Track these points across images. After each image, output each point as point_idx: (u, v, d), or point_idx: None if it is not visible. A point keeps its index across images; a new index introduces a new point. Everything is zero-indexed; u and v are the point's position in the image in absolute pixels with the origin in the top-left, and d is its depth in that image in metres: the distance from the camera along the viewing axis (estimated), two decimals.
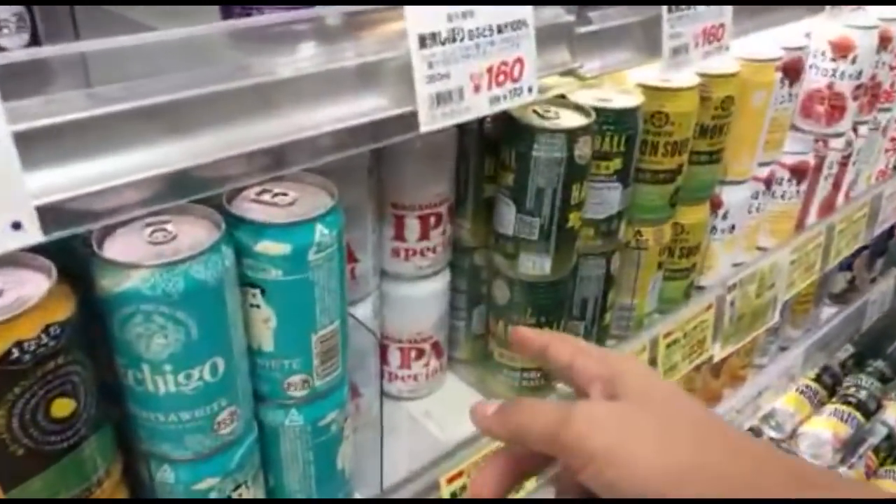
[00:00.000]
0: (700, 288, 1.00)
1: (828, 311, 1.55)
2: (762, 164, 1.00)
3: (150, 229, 0.49)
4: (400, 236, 0.73)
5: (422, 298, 0.78)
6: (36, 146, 0.37)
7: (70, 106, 0.39)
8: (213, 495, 0.54)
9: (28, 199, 0.37)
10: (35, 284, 0.43)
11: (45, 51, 0.37)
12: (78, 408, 0.44)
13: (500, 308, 0.77)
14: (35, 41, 0.39)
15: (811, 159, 1.08)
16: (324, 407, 0.59)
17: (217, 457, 0.53)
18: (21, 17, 0.38)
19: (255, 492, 0.58)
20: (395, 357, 0.81)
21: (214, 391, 0.50)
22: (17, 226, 0.37)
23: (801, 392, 1.56)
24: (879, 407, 1.64)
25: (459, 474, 0.71)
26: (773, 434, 1.54)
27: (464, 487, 0.71)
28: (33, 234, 0.37)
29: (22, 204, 0.37)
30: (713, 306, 0.96)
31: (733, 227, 0.99)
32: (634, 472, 0.36)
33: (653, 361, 0.89)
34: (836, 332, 1.53)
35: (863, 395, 1.59)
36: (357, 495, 0.69)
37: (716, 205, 0.95)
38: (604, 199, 0.75)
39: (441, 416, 0.81)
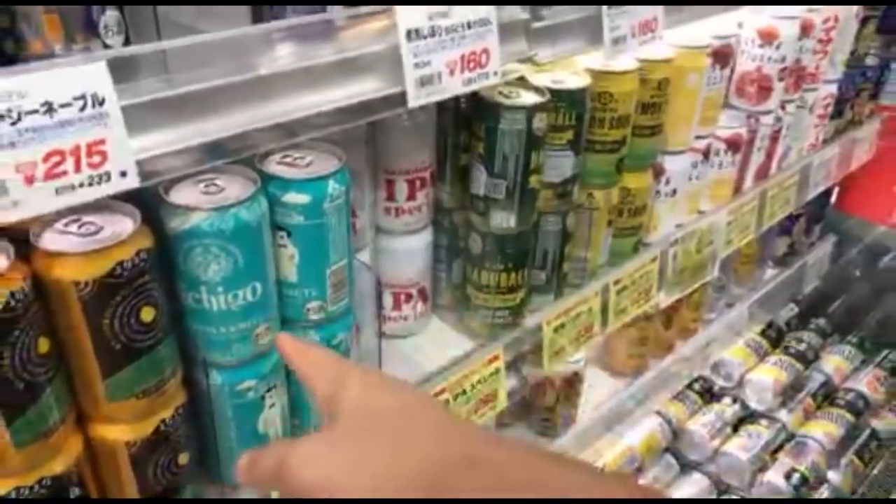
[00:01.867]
0: (647, 245, 1.16)
1: (770, 273, 1.73)
2: (699, 137, 1.16)
3: (202, 184, 0.63)
4: (391, 196, 0.88)
5: (410, 250, 0.94)
6: (135, 116, 0.52)
7: (155, 88, 0.53)
8: (251, 395, 0.69)
9: (131, 155, 0.52)
10: (124, 223, 0.57)
11: (144, 48, 0.52)
12: (157, 315, 0.59)
13: (474, 258, 0.93)
14: (128, 41, 0.54)
15: (744, 133, 1.25)
16: (335, 329, 0.74)
17: (255, 363, 0.68)
18: (119, 22, 0.52)
19: (281, 395, 0.73)
20: (388, 301, 0.96)
21: (254, 309, 0.65)
22: (123, 174, 0.51)
23: (748, 345, 1.74)
24: (817, 358, 1.82)
25: (442, 391, 0.86)
26: (721, 382, 1.71)
27: (447, 402, 0.87)
28: (134, 181, 0.52)
29: (128, 158, 0.51)
30: (657, 259, 1.13)
31: (675, 191, 1.16)
32: (344, 493, 0.39)
33: (605, 306, 1.05)
34: (777, 292, 1.70)
35: (802, 346, 1.78)
36: None
37: (658, 172, 1.11)
38: (559, 165, 0.91)
39: (427, 351, 0.97)
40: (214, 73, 0.56)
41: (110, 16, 0.50)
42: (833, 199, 1.85)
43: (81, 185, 0.50)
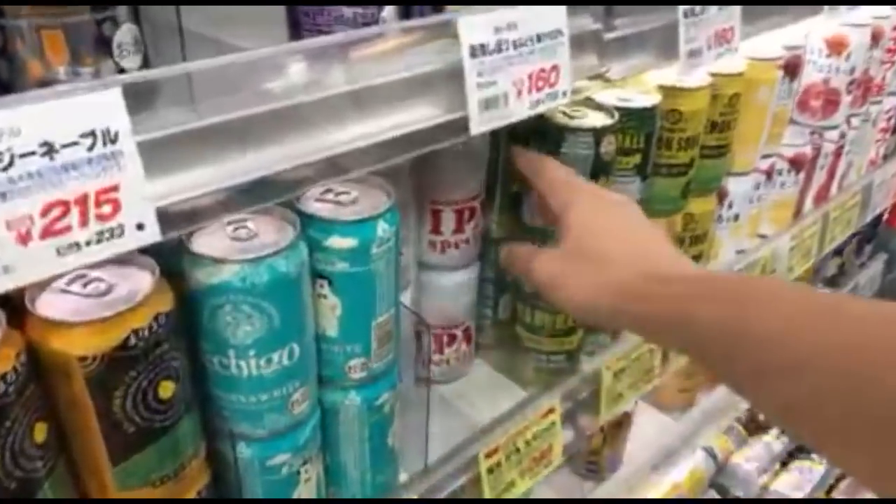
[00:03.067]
0: None
1: None
2: (764, 157, 1.06)
3: (231, 227, 0.53)
4: (436, 230, 0.78)
5: (455, 287, 0.84)
6: (154, 154, 0.42)
7: (180, 119, 0.43)
8: (284, 470, 0.59)
9: (150, 202, 0.42)
10: (140, 279, 0.48)
11: (160, 71, 0.42)
12: (177, 389, 0.49)
13: (527, 295, 0.83)
14: (146, 61, 0.44)
15: (808, 151, 1.15)
16: (379, 388, 0.65)
17: (289, 434, 0.58)
18: (137, 41, 0.42)
19: (318, 468, 0.63)
20: (427, 343, 0.86)
21: (290, 374, 0.55)
22: (140, 226, 0.42)
23: None
24: None
25: (496, 450, 0.76)
26: None
27: (499, 464, 0.77)
28: (153, 234, 0.42)
29: (145, 207, 0.41)
30: None
31: (737, 216, 1.05)
32: (563, 293, 0.58)
33: None
34: None
35: None
36: (402, 471, 0.74)
37: (722, 195, 1.01)
38: (624, 192, 0.80)
39: (472, 398, 0.87)
40: (249, 99, 0.46)
41: (126, 31, 0.40)
42: (884, 216, 1.74)
43: (89, 243, 0.40)
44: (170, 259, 0.51)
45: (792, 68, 1.01)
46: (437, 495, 0.72)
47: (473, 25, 0.55)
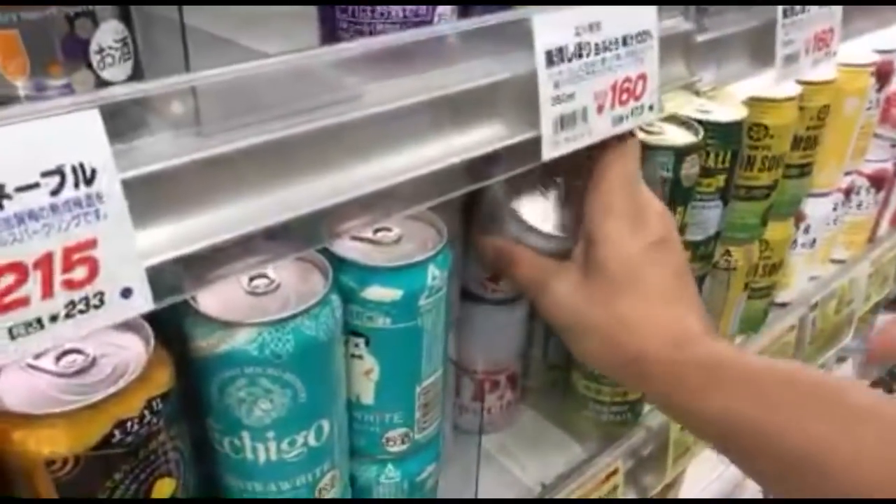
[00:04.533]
0: (779, 305, 0.94)
1: (882, 319, 1.50)
2: (846, 174, 0.94)
3: (246, 277, 0.43)
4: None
5: (500, 326, 0.72)
6: (145, 196, 0.31)
7: (179, 148, 0.33)
8: None
9: (138, 262, 0.31)
10: (131, 349, 0.37)
11: (155, 85, 0.31)
12: (177, 487, 0.38)
13: None
14: (137, 69, 0.33)
15: (890, 167, 1.02)
16: (422, 461, 0.54)
17: None
18: (125, 43, 0.32)
19: None
20: (467, 389, 0.75)
21: (318, 456, 0.45)
22: (126, 293, 0.31)
23: None
24: None
25: None
26: None
27: None
28: (144, 302, 0.32)
29: (132, 267, 0.31)
30: (795, 327, 0.91)
31: (814, 241, 0.93)
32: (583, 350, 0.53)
33: None
34: None
35: None
36: None
37: (799, 219, 0.90)
38: (704, 219, 0.69)
39: (518, 454, 0.76)
40: (270, 120, 0.36)
41: (108, 31, 0.30)
42: None
43: (55, 318, 0.29)
44: (170, 318, 0.40)
45: (883, 75, 0.89)
46: None
47: (551, 25, 0.44)
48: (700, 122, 0.64)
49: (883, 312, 1.50)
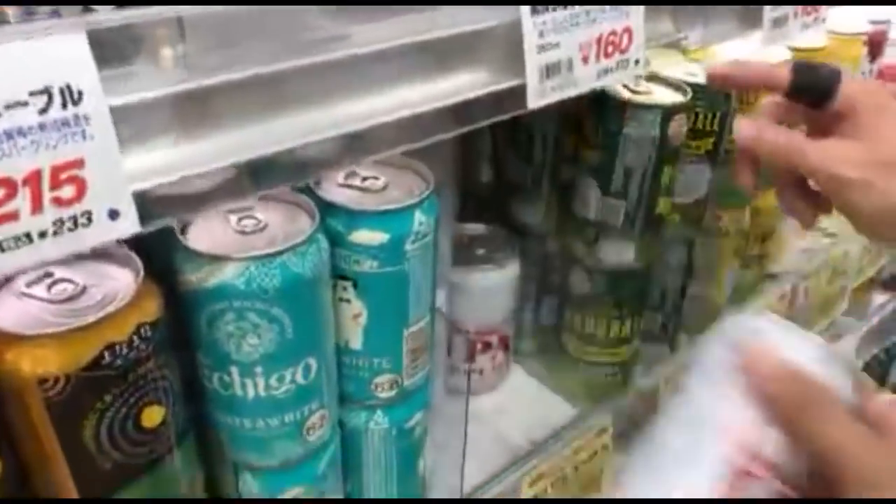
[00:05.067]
0: (770, 276, 0.95)
1: (878, 298, 1.50)
2: None
3: (235, 216, 0.44)
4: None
5: (492, 288, 0.74)
6: (133, 121, 0.32)
7: (166, 77, 0.34)
8: None
9: (125, 183, 0.32)
10: (120, 280, 0.38)
11: (142, 13, 0.32)
12: (167, 415, 0.40)
13: (577, 299, 0.72)
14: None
15: None
16: (410, 408, 0.55)
17: (304, 464, 0.49)
18: None
19: (336, 496, 0.54)
20: (459, 349, 0.77)
21: (306, 394, 0.46)
22: (113, 214, 0.32)
23: None
24: None
25: (540, 476, 0.66)
26: None
27: (545, 490, 0.67)
28: (130, 225, 0.33)
29: (120, 188, 0.32)
30: (786, 296, 0.91)
31: None
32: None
33: None
34: (886, 322, 1.47)
35: None
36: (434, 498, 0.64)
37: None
38: (692, 181, 0.70)
39: (510, 414, 0.77)
40: (257, 53, 0.37)
41: None
42: None
43: (44, 234, 0.31)
44: (159, 254, 0.41)
45: (876, 45, 0.89)
46: None
47: None
48: (689, 83, 0.65)
49: (881, 292, 1.51)
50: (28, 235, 0.30)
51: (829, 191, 0.52)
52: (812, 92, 0.53)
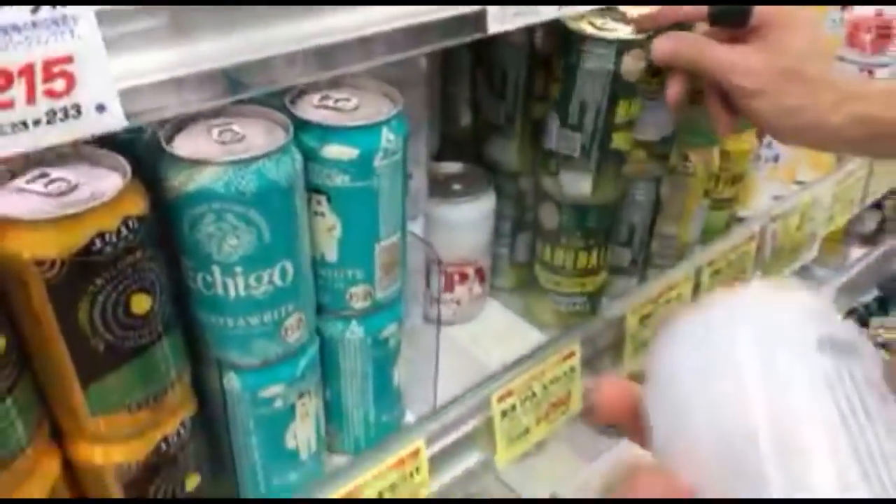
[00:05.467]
0: (740, 220, 0.99)
1: (856, 252, 1.54)
2: None
3: (216, 129, 0.48)
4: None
5: (467, 221, 0.78)
6: (117, 23, 0.36)
7: None
8: (278, 403, 0.54)
9: (111, 80, 0.36)
10: (110, 180, 0.42)
11: None
12: (154, 305, 0.44)
13: (547, 233, 0.76)
14: None
15: None
16: (383, 319, 0.59)
17: (283, 364, 0.53)
18: None
19: (316, 403, 0.58)
20: (437, 281, 0.81)
21: (283, 295, 0.50)
22: (101, 108, 0.36)
23: None
24: None
25: (509, 393, 0.71)
26: None
27: (513, 407, 0.72)
28: (116, 119, 0.37)
29: (106, 85, 0.36)
30: (755, 237, 0.95)
31: (777, 157, 0.98)
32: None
33: (696, 289, 0.88)
34: (864, 275, 1.51)
35: (893, 335, 1.59)
36: (409, 413, 0.69)
37: (761, 132, 0.93)
38: (657, 119, 0.74)
39: (485, 342, 0.81)
40: None
41: None
42: None
43: (38, 122, 0.34)
44: (147, 164, 0.45)
45: None
46: (446, 439, 0.67)
47: None
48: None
49: (856, 245, 1.55)
50: (24, 123, 0.34)
51: (734, 98, 0.60)
52: (729, 15, 0.59)
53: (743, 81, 0.58)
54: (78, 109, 0.35)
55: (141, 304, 0.43)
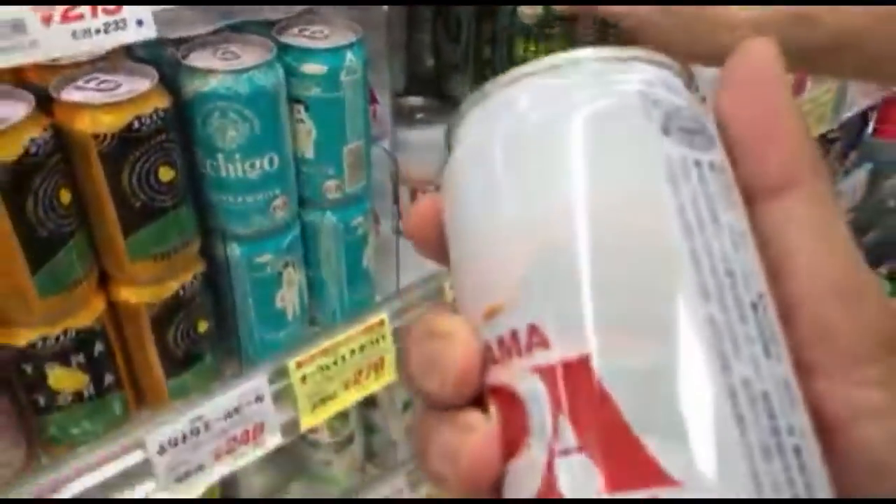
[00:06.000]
0: None
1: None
2: None
3: (219, 52, 0.63)
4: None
5: (429, 143, 0.93)
6: None
7: None
8: (268, 269, 0.70)
9: (147, 3, 0.51)
10: (143, 82, 0.58)
11: None
12: (175, 176, 0.60)
13: None
14: None
15: None
16: (353, 210, 0.75)
17: (273, 237, 0.69)
18: None
19: (299, 276, 0.74)
20: (405, 196, 0.96)
21: (271, 180, 0.66)
22: (140, 23, 0.52)
23: None
24: None
25: None
26: None
27: None
28: (150, 30, 0.52)
29: (144, 7, 0.51)
30: None
31: (703, 99, 1.12)
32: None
33: None
34: None
35: None
36: (377, 296, 0.85)
37: None
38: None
39: None
40: None
41: None
42: (871, 125, 1.79)
43: (98, 31, 0.50)
44: (170, 76, 0.61)
45: None
46: (408, 315, 0.83)
47: None
48: None
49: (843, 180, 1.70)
50: (88, 31, 0.50)
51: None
52: None
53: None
54: (125, 23, 0.51)
55: (167, 173, 0.59)
